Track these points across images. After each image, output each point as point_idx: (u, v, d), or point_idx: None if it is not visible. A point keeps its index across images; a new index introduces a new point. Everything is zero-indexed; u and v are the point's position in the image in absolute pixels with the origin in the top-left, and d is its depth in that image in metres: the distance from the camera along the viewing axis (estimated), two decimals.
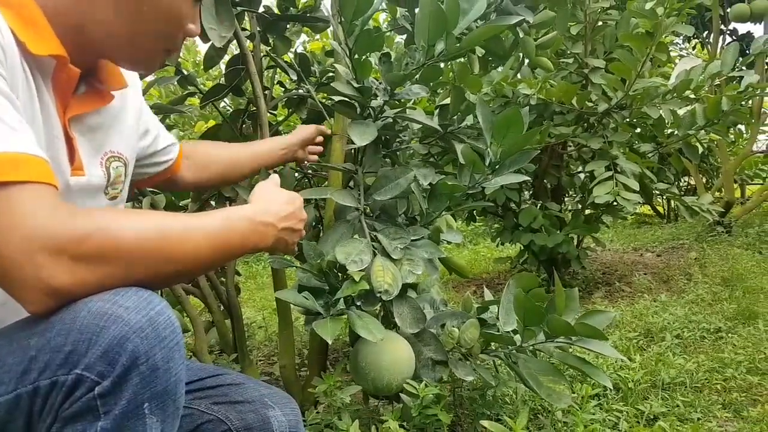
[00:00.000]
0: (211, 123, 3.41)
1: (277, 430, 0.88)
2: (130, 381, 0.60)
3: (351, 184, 1.60)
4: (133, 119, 0.96)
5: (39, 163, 0.64)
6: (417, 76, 1.36)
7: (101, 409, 0.60)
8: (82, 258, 0.61)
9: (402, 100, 1.41)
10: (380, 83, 1.40)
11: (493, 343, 1.42)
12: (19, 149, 0.62)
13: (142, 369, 0.60)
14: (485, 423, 1.24)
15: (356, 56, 1.29)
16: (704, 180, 5.91)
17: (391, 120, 1.46)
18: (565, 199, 3.76)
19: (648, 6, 2.39)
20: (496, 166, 1.29)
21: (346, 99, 1.38)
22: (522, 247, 3.48)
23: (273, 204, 0.86)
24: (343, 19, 1.24)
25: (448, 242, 1.65)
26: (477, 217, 3.80)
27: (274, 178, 0.97)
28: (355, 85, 1.32)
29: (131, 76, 0.98)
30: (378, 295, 1.20)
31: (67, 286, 0.61)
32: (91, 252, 0.62)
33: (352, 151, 1.70)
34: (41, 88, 0.75)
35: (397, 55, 1.36)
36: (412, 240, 1.37)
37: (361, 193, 1.39)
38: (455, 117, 1.55)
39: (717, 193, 5.33)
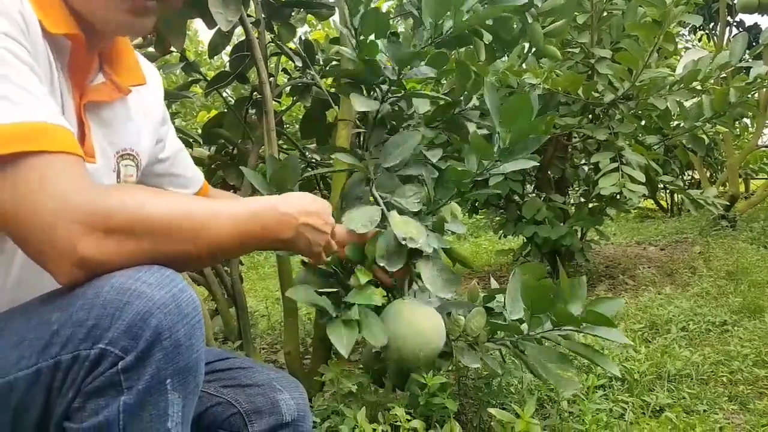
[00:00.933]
0: (213, 113, 3.41)
1: (286, 413, 0.87)
2: (153, 356, 0.60)
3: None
4: (150, 122, 0.95)
5: (66, 133, 0.65)
6: (425, 58, 1.34)
7: (124, 384, 0.60)
8: (113, 231, 0.62)
9: (407, 81, 1.40)
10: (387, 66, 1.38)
11: (499, 332, 1.41)
12: (46, 119, 0.63)
13: (165, 344, 0.60)
14: (492, 411, 1.23)
15: (362, 37, 1.28)
16: (708, 174, 5.89)
17: (398, 106, 1.45)
18: (569, 191, 3.74)
19: None
20: (505, 153, 1.27)
21: (353, 80, 1.36)
22: (525, 240, 3.47)
23: (298, 199, 0.86)
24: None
25: (452, 233, 1.63)
26: (479, 210, 3.79)
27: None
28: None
29: (154, 81, 0.97)
30: (403, 242, 1.15)
31: (97, 259, 0.62)
32: (122, 226, 0.63)
33: (358, 140, 1.68)
34: (58, 70, 0.74)
35: (405, 32, 1.34)
36: None
37: (370, 171, 1.37)
38: (461, 97, 1.53)
39: (721, 187, 5.31)
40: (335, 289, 1.19)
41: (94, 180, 0.80)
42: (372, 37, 1.28)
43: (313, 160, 2.12)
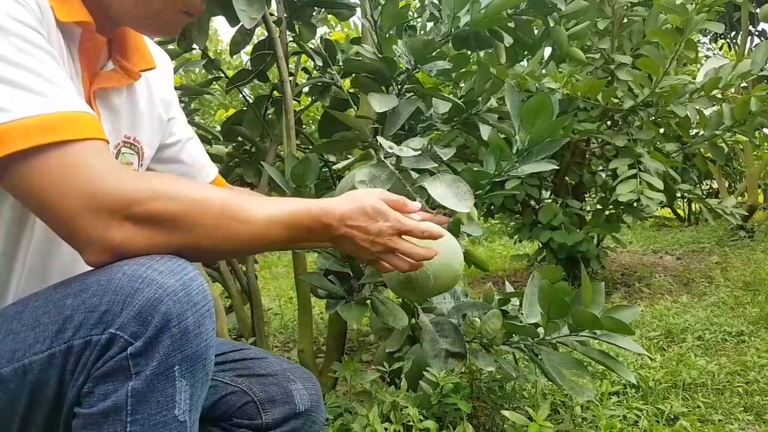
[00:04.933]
0: (231, 111, 3.43)
1: (299, 403, 0.88)
2: (161, 342, 0.60)
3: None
4: (158, 109, 0.94)
5: (89, 118, 0.66)
6: (440, 50, 1.34)
7: (132, 369, 0.60)
8: (143, 220, 0.64)
9: (426, 81, 1.40)
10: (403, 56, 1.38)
11: (514, 335, 1.40)
12: (71, 108, 0.64)
13: (173, 331, 0.61)
14: (506, 413, 1.22)
15: (382, 30, 1.29)
16: (727, 183, 5.82)
17: (415, 101, 1.45)
18: (586, 197, 3.72)
19: (678, 1, 2.35)
20: (524, 154, 1.26)
21: (371, 76, 1.37)
22: (540, 245, 3.46)
23: (339, 204, 0.79)
24: None
25: (468, 235, 1.63)
26: (494, 214, 3.78)
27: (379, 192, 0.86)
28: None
29: (163, 65, 0.96)
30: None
31: (126, 245, 0.63)
32: (153, 215, 0.64)
33: (374, 134, 1.69)
34: (69, 57, 0.75)
35: (422, 24, 1.35)
36: None
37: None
38: (480, 98, 1.53)
39: (740, 198, 5.25)
40: (347, 273, 1.20)
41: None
42: (392, 31, 1.29)
43: (330, 161, 2.13)
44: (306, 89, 1.98)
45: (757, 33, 5.46)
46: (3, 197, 0.71)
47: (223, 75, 1.98)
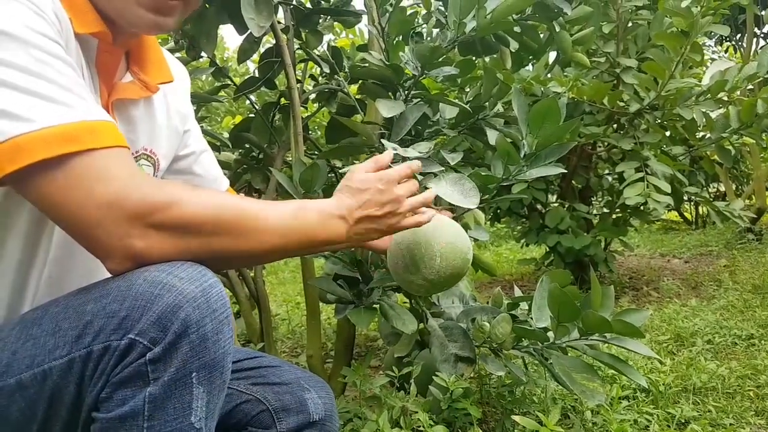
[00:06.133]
0: (238, 118, 3.44)
1: (313, 411, 0.88)
2: (180, 349, 0.61)
3: None
4: (175, 121, 0.94)
5: (110, 127, 0.66)
6: (447, 56, 1.35)
7: (151, 375, 0.61)
8: (165, 227, 0.64)
9: (432, 86, 1.41)
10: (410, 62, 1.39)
11: (523, 339, 1.40)
12: (92, 117, 0.65)
13: (192, 338, 0.61)
14: (516, 418, 1.22)
15: (389, 37, 1.30)
16: (734, 186, 5.79)
17: (422, 106, 1.45)
18: (593, 201, 3.71)
19: (684, 4, 2.35)
20: (532, 158, 1.26)
21: (378, 83, 1.38)
22: (547, 249, 3.45)
23: (351, 195, 0.82)
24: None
25: (474, 240, 1.63)
26: (501, 218, 3.77)
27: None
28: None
29: (180, 78, 0.96)
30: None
31: (148, 253, 0.64)
32: (175, 222, 0.65)
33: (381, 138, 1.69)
34: (87, 69, 0.75)
35: (428, 29, 1.36)
36: None
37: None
38: (487, 103, 1.54)
39: (747, 200, 5.23)
40: (356, 276, 1.20)
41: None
42: (399, 38, 1.30)
43: (337, 166, 2.14)
44: (313, 96, 1.99)
45: (762, 35, 5.46)
46: (20, 206, 0.71)
47: (230, 82, 2.00)
